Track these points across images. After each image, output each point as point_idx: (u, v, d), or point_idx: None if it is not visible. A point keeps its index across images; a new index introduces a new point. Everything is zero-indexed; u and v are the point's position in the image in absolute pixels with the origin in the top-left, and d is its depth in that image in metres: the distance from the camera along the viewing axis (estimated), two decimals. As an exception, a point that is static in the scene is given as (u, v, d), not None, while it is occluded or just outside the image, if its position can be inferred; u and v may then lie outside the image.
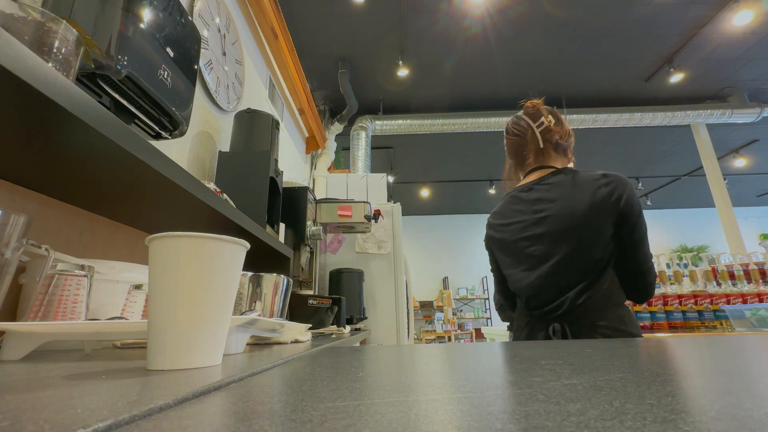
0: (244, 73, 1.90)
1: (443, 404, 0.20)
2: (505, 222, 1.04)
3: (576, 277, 0.90)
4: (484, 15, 3.59)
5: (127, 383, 0.26)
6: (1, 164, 0.58)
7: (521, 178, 1.10)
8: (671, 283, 1.97)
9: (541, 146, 1.03)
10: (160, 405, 0.20)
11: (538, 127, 1.04)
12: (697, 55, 4.15)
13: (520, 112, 1.10)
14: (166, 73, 0.81)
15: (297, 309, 1.30)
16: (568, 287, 0.90)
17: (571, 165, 1.08)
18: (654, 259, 1.19)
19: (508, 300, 1.11)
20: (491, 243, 1.10)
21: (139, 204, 0.78)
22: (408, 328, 2.50)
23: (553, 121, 1.05)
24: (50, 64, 0.45)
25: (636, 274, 0.91)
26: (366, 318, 2.18)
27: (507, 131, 1.12)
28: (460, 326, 7.61)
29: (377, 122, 4.78)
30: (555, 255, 0.92)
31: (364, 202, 1.98)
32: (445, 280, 8.52)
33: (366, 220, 1.95)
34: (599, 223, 0.89)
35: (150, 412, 0.19)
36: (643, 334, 0.97)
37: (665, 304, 1.87)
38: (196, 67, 0.96)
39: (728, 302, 1.84)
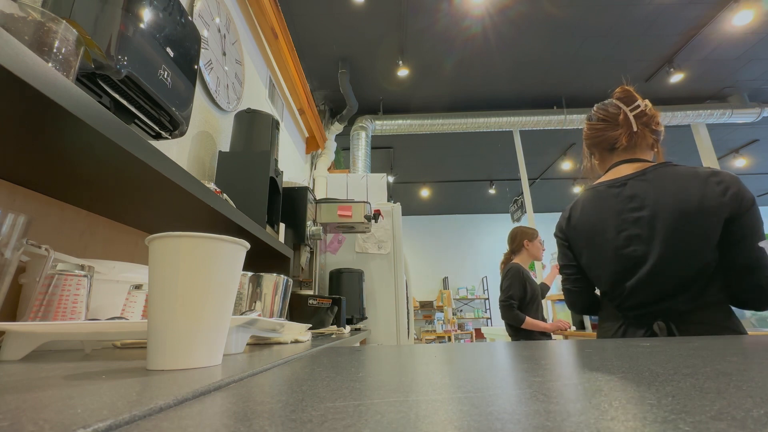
0: (244, 73, 1.90)
1: (443, 404, 0.20)
2: (592, 218, 0.97)
3: (680, 282, 0.84)
4: (484, 15, 3.59)
5: (127, 383, 0.26)
6: (1, 164, 0.58)
7: (601, 173, 1.04)
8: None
9: (635, 129, 0.96)
10: (160, 405, 0.20)
11: (632, 110, 0.98)
12: (697, 55, 4.15)
13: (607, 100, 1.03)
14: (166, 73, 0.81)
15: (297, 309, 1.30)
16: (674, 291, 0.85)
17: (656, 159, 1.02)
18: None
19: (584, 294, 1.05)
20: (571, 239, 1.03)
21: (139, 204, 0.78)
22: (408, 328, 2.50)
23: (649, 105, 0.99)
24: (50, 64, 0.45)
25: (749, 270, 0.81)
26: (366, 318, 2.18)
27: (589, 119, 1.06)
28: (460, 326, 7.61)
29: (377, 122, 4.78)
30: (655, 257, 0.85)
31: (364, 202, 1.98)
32: (445, 280, 8.51)
33: (366, 220, 1.95)
34: (711, 223, 0.82)
35: (150, 412, 0.19)
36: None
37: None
38: (196, 67, 0.96)
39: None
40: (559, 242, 1.10)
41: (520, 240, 2.30)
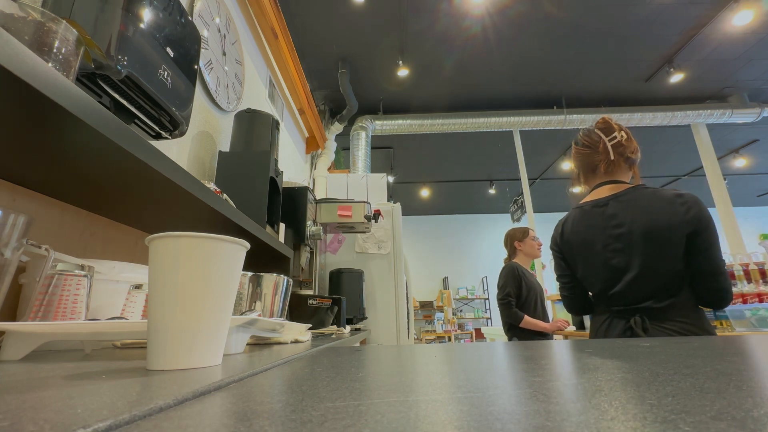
0: (244, 73, 1.90)
1: (443, 404, 0.20)
2: (582, 234, 1.13)
3: (658, 286, 0.99)
4: (484, 15, 3.58)
5: (127, 383, 0.26)
6: (1, 164, 0.58)
7: (588, 190, 1.19)
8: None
9: (612, 158, 1.12)
10: (160, 405, 0.20)
11: (610, 140, 1.13)
12: (697, 55, 4.15)
13: (590, 126, 1.19)
14: (166, 73, 0.81)
15: (297, 309, 1.30)
16: (651, 294, 1.00)
17: (633, 177, 1.17)
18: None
19: (579, 299, 1.21)
20: (565, 251, 1.19)
21: (139, 204, 0.78)
22: (408, 328, 2.50)
23: (624, 136, 1.13)
24: (50, 64, 0.45)
25: (710, 276, 0.97)
26: (366, 318, 2.18)
27: (576, 143, 1.21)
28: (460, 326, 7.60)
29: (377, 122, 4.77)
30: (637, 267, 1.01)
31: (364, 202, 1.98)
32: (445, 280, 8.51)
33: (366, 220, 1.95)
34: (676, 237, 0.97)
35: (150, 412, 0.19)
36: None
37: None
38: (196, 67, 0.96)
39: (728, 302, 1.83)
40: (554, 254, 1.25)
41: (510, 243, 2.32)
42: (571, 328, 2.41)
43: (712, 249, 0.97)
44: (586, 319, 2.48)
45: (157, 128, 0.86)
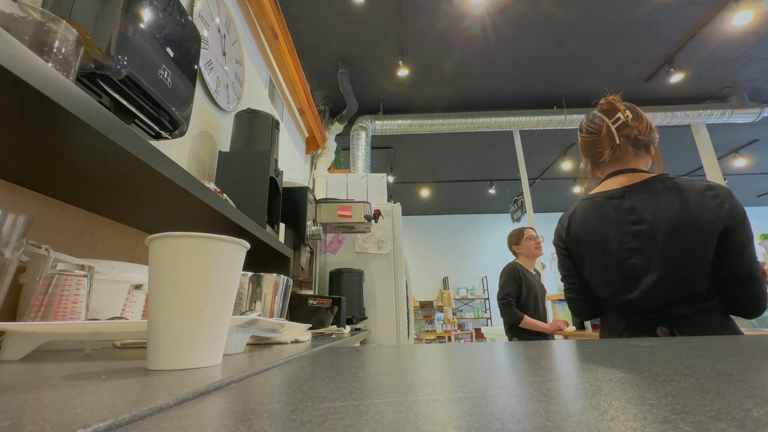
0: (244, 73, 1.90)
1: (443, 404, 0.20)
2: (592, 229, 0.99)
3: (683, 291, 0.87)
4: (484, 15, 3.59)
5: (127, 383, 0.26)
6: (1, 164, 0.58)
7: (599, 179, 1.06)
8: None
9: (618, 142, 0.99)
10: (160, 405, 0.20)
11: (614, 123, 1.00)
12: (697, 55, 4.15)
13: (595, 110, 1.06)
14: (166, 73, 0.81)
15: (297, 309, 1.30)
16: (674, 301, 0.88)
17: (652, 162, 1.04)
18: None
19: (589, 303, 1.05)
20: (571, 248, 1.05)
21: (139, 204, 0.78)
22: (408, 328, 2.50)
23: (630, 115, 1.00)
24: (50, 64, 0.45)
25: (744, 280, 0.86)
26: (366, 318, 2.18)
27: (580, 130, 1.10)
28: (460, 326, 7.60)
29: (377, 122, 4.77)
30: (659, 269, 0.88)
31: (364, 202, 1.98)
32: (445, 280, 8.51)
33: (366, 220, 1.95)
34: (708, 236, 0.85)
35: (150, 412, 0.19)
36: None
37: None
38: (196, 67, 0.96)
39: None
40: (558, 251, 1.10)
41: (510, 246, 2.37)
42: (571, 328, 2.41)
43: (747, 249, 0.85)
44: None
45: (157, 128, 0.86)
